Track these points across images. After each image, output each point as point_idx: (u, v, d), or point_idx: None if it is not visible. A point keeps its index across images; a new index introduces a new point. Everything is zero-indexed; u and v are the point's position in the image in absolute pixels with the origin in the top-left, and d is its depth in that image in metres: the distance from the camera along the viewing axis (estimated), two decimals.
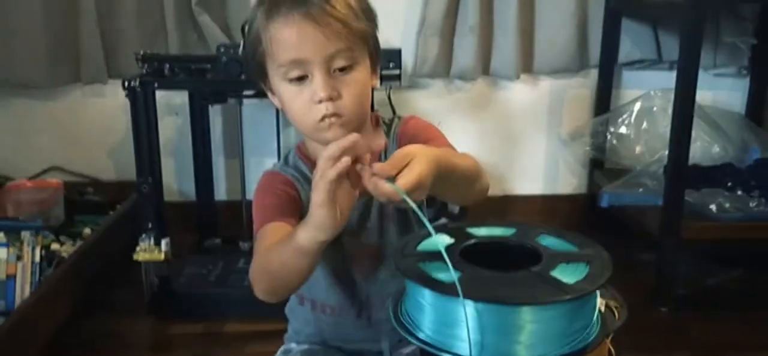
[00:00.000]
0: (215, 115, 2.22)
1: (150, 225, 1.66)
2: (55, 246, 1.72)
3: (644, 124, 2.08)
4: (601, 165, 2.25)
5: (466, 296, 0.71)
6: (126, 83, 1.61)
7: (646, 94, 2.13)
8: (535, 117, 2.30)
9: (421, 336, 0.75)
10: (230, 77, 1.67)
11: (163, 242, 1.67)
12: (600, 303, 0.79)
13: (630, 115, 2.11)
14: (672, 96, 1.99)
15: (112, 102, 2.21)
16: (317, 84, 0.91)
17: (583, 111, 2.29)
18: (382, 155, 1.02)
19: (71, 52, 2.12)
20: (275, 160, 2.17)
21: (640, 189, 1.89)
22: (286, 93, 0.94)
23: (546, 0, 2.16)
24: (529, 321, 0.71)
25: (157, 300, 1.74)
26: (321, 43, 0.90)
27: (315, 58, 0.90)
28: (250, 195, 2.11)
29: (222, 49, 1.68)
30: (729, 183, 1.82)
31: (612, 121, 2.15)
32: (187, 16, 2.10)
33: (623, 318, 0.80)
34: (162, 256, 1.67)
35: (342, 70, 0.92)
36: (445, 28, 2.13)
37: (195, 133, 2.11)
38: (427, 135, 1.00)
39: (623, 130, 2.11)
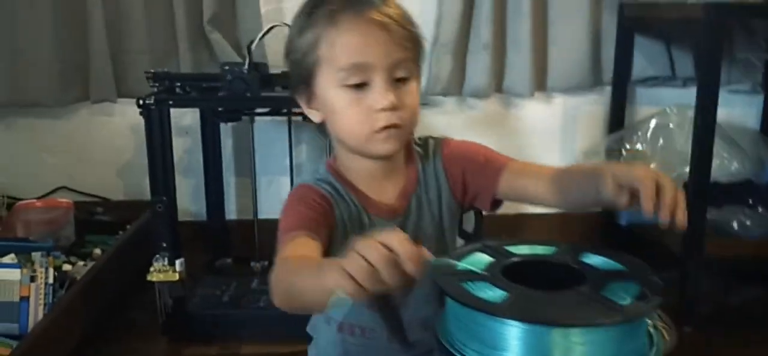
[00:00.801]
0: (226, 134, 2.20)
1: (164, 246, 1.63)
2: (66, 266, 1.69)
3: (660, 141, 2.06)
4: None
5: (515, 317, 0.68)
6: (140, 101, 1.58)
7: (661, 111, 2.11)
8: (549, 134, 2.28)
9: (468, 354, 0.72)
10: (235, 95, 1.65)
11: (178, 262, 1.64)
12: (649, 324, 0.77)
13: (646, 132, 2.10)
14: (688, 112, 1.99)
15: (121, 121, 2.20)
16: (379, 91, 0.89)
17: (596, 128, 2.27)
18: (422, 178, 1.00)
19: (81, 71, 2.11)
20: (287, 178, 2.17)
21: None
22: (341, 99, 0.90)
23: (559, 17, 2.15)
24: (579, 343, 0.69)
25: (172, 321, 1.70)
26: (387, 49, 0.89)
27: (380, 63, 0.88)
28: (263, 214, 2.12)
29: (226, 68, 1.66)
30: (749, 200, 1.80)
31: (627, 137, 2.13)
32: (199, 35, 2.09)
33: (674, 340, 0.77)
34: (176, 277, 1.63)
35: (400, 80, 0.91)
36: (458, 46, 2.12)
37: (206, 152, 2.09)
38: (481, 153, 0.99)
39: (639, 146, 2.09)
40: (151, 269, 1.63)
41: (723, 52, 1.79)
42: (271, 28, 1.81)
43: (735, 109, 2.22)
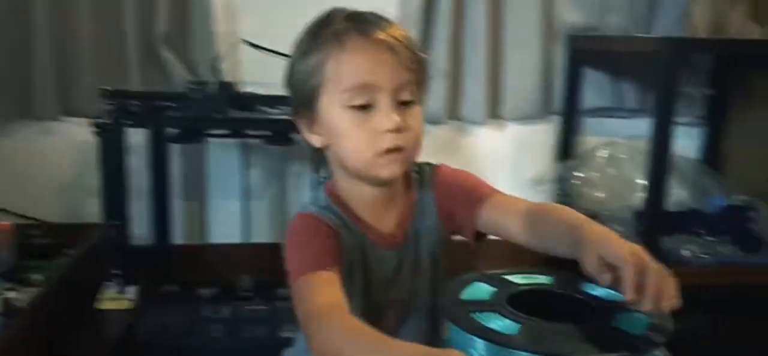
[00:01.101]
0: (173, 155, 2.12)
1: (116, 272, 1.55)
2: (9, 294, 1.58)
3: (611, 171, 2.12)
4: None
5: (534, 351, 0.67)
6: (98, 121, 1.51)
7: (611, 142, 2.18)
8: (501, 162, 2.30)
9: None
10: (204, 114, 1.60)
11: (131, 290, 1.56)
12: None
13: (596, 161, 2.15)
14: (637, 143, 2.07)
15: (63, 140, 2.09)
16: (385, 113, 0.88)
17: (546, 156, 2.32)
18: (418, 206, 0.99)
19: (23, 86, 1.99)
20: (237, 202, 2.12)
21: None
22: (346, 121, 0.89)
23: (512, 48, 2.19)
24: None
25: (122, 351, 1.61)
26: (394, 71, 0.88)
27: (386, 85, 0.88)
28: (214, 237, 2.06)
29: (194, 86, 1.61)
30: (698, 229, 1.87)
31: (578, 166, 2.18)
32: (150, 52, 2.01)
33: None
34: (127, 304, 1.56)
35: (405, 103, 0.90)
36: None
37: (155, 174, 2.00)
38: (468, 182, 0.98)
39: (590, 175, 2.15)
40: (102, 297, 1.55)
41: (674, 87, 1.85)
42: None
43: (678, 141, 2.30)
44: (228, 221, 2.20)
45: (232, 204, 2.18)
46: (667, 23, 2.15)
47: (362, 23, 0.89)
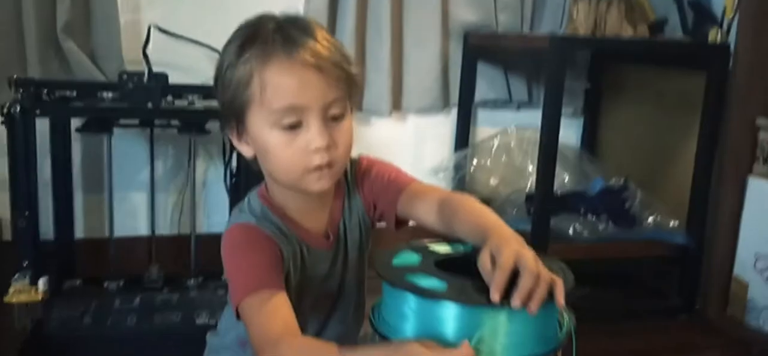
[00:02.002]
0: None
1: (26, 264, 1.53)
2: None
3: (503, 158, 2.28)
4: None
5: (455, 301, 0.76)
6: (3, 109, 1.48)
7: (503, 131, 2.34)
8: (403, 152, 2.42)
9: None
10: (135, 104, 1.62)
11: (41, 281, 1.55)
12: None
13: (490, 150, 2.31)
14: (526, 133, 2.25)
15: None
16: (314, 132, 0.88)
17: (445, 146, 2.46)
18: (346, 204, 1.01)
19: None
20: (143, 194, 2.10)
21: (507, 217, 2.07)
22: (275, 140, 0.89)
23: (413, 44, 2.30)
24: (505, 322, 0.77)
25: (31, 346, 1.58)
26: (322, 90, 0.88)
27: (314, 104, 0.88)
28: (118, 231, 2.03)
29: (126, 76, 1.63)
30: (581, 209, 2.05)
31: (473, 155, 2.33)
32: (50, 42, 1.96)
33: (574, 320, 0.90)
34: (40, 297, 1.54)
35: (335, 118, 0.90)
36: None
37: (55, 165, 1.95)
38: (388, 174, 1.02)
39: (484, 163, 2.30)
40: (11, 289, 1.52)
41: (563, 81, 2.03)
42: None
43: (562, 131, 2.50)
44: (132, 213, 2.18)
45: (138, 195, 2.17)
46: (550, 22, 2.34)
47: (289, 40, 0.88)
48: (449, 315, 0.77)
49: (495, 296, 0.74)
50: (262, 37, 0.89)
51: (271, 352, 0.83)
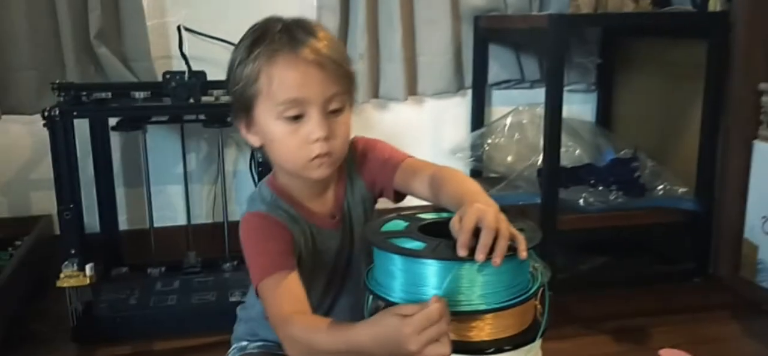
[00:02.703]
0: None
1: (73, 252, 1.68)
2: None
3: (516, 136, 2.37)
4: (480, 174, 2.51)
5: (433, 258, 0.86)
6: (45, 112, 1.64)
7: (514, 110, 2.43)
8: (421, 134, 2.52)
9: (394, 298, 0.89)
10: (180, 102, 1.78)
11: (88, 267, 1.70)
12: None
13: (503, 129, 2.40)
14: (537, 110, 2.32)
15: (3, 139, 2.18)
16: (315, 124, 0.97)
17: (461, 127, 2.55)
18: (348, 185, 1.10)
19: None
20: (179, 186, 2.26)
21: (520, 191, 2.16)
22: (280, 130, 0.98)
23: (425, 30, 2.40)
24: (482, 274, 0.86)
25: (82, 326, 1.75)
26: (323, 85, 0.96)
27: (316, 98, 0.96)
28: (158, 222, 2.19)
29: (168, 76, 1.80)
30: (591, 181, 2.13)
31: (488, 134, 2.42)
32: (85, 49, 2.12)
33: (549, 274, 0.99)
34: (88, 281, 1.69)
35: (334, 112, 0.99)
36: None
37: (97, 163, 2.12)
38: (384, 152, 1.11)
39: (498, 141, 2.39)
40: (62, 275, 1.68)
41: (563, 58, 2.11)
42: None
43: (574, 106, 2.59)
44: (169, 204, 2.34)
45: (174, 188, 2.33)
46: (558, 3, 2.41)
47: (294, 39, 0.96)
48: (429, 272, 0.86)
49: (461, 252, 0.83)
50: (269, 36, 0.97)
51: (283, 329, 0.94)
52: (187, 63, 2.05)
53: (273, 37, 0.97)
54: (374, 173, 1.11)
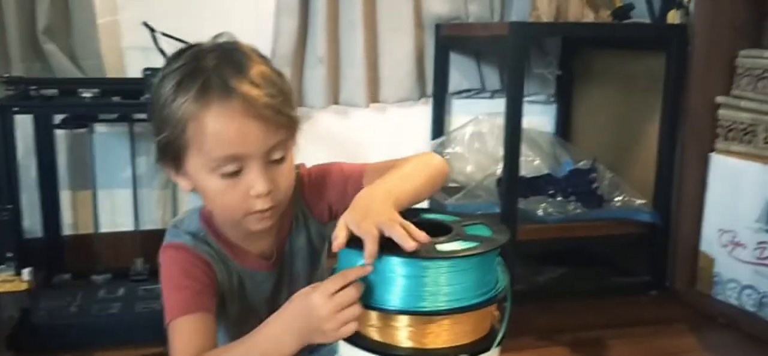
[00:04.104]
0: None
1: (10, 255, 1.59)
2: None
3: (476, 145, 2.35)
4: None
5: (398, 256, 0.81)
6: None
7: (475, 119, 2.41)
8: (380, 142, 2.48)
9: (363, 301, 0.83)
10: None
11: (25, 271, 1.61)
12: None
13: (463, 138, 2.38)
14: (497, 120, 2.31)
15: None
16: (255, 178, 0.87)
17: (422, 135, 2.52)
18: (293, 222, 1.01)
19: None
20: (128, 191, 2.17)
21: (479, 201, 2.14)
22: (214, 185, 0.89)
23: (387, 36, 2.36)
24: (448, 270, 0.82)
25: (19, 334, 1.65)
26: (263, 137, 0.86)
27: (255, 152, 0.87)
28: (104, 228, 2.10)
29: (148, 72, 1.74)
30: (550, 191, 2.12)
31: (448, 143, 2.40)
32: (32, 44, 2.03)
33: (508, 278, 0.95)
34: (25, 286, 1.60)
35: (275, 161, 0.90)
36: (296, 60, 2.26)
37: (41, 163, 2.02)
38: (337, 173, 1.01)
39: (458, 151, 2.37)
40: None
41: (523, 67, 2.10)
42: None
43: (534, 117, 2.57)
44: (117, 209, 2.25)
45: (122, 192, 2.24)
46: (520, 12, 2.41)
47: (226, 86, 0.85)
48: (396, 270, 0.81)
49: (367, 261, 0.79)
50: (199, 76, 0.86)
51: None
52: (164, 56, 1.97)
53: (204, 77, 0.85)
54: (334, 199, 1.02)
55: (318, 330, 0.80)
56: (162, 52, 2.01)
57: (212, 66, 0.86)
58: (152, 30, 2.03)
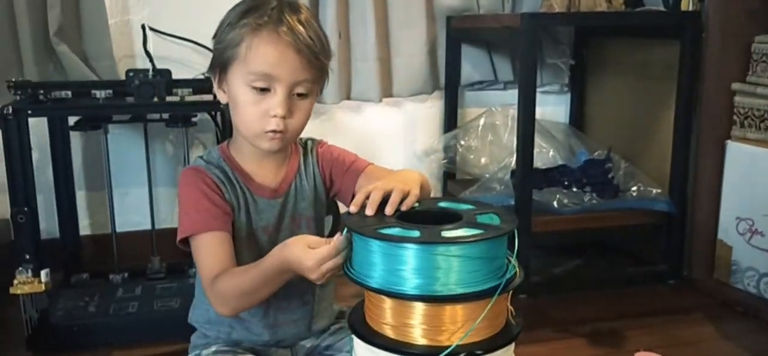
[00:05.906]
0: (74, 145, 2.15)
1: (28, 257, 1.61)
2: None
3: (489, 137, 2.34)
4: (453, 176, 2.48)
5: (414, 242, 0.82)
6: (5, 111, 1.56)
7: (488, 110, 2.39)
8: (394, 136, 2.48)
9: (372, 284, 0.85)
10: (144, 101, 1.72)
11: (43, 273, 1.62)
12: None
13: (476, 130, 2.37)
14: (510, 111, 2.29)
15: None
16: (277, 101, 1.03)
17: (434, 128, 2.51)
18: (301, 167, 1.17)
19: None
20: (145, 189, 2.18)
21: (493, 193, 2.13)
22: (245, 96, 1.05)
23: (399, 30, 2.35)
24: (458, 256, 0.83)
25: (37, 335, 1.67)
26: (295, 69, 1.03)
27: (285, 79, 1.03)
28: (120, 227, 2.11)
29: (132, 74, 1.74)
30: (565, 182, 2.11)
31: (461, 136, 2.39)
32: (44, 46, 2.04)
33: (522, 276, 0.95)
34: (43, 287, 1.62)
35: (299, 95, 1.06)
36: None
37: (56, 165, 2.03)
38: (347, 158, 1.18)
39: (471, 143, 2.36)
40: (15, 281, 1.60)
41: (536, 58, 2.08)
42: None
43: (547, 107, 2.56)
44: (134, 209, 2.26)
45: (138, 191, 2.24)
46: (531, 3, 2.39)
47: (280, 18, 1.02)
48: (408, 254, 0.83)
49: (354, 210, 0.93)
50: (261, 9, 1.03)
51: (212, 290, 1.04)
52: (151, 61, 1.98)
53: (264, 11, 1.03)
54: (336, 174, 1.18)
55: (305, 275, 0.94)
56: (149, 55, 2.02)
57: (274, 6, 1.04)
58: (144, 30, 2.04)
